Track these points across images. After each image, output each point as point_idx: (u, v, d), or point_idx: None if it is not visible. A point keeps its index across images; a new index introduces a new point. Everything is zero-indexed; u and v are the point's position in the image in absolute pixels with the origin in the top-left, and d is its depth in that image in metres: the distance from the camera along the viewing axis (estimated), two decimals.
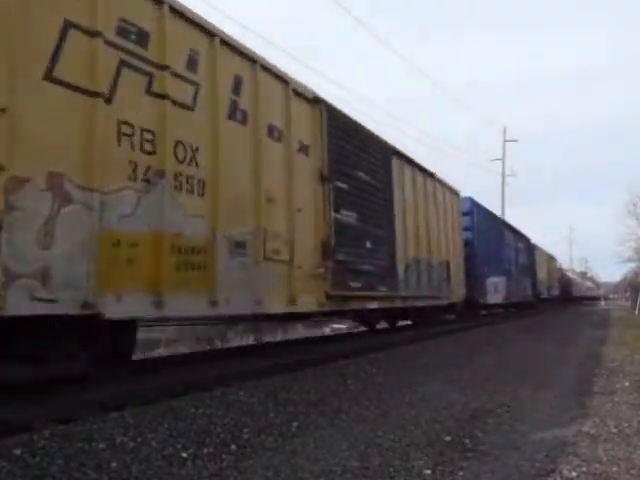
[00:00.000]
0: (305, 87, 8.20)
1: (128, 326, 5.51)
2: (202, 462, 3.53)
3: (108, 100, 4.94)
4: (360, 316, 12.46)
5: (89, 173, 4.70)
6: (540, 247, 35.91)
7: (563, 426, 4.44)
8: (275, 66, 7.48)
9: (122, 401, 4.82)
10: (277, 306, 7.19)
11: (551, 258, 42.13)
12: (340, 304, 8.86)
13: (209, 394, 5.26)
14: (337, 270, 8.45)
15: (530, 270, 30.32)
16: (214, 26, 6.31)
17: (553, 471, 3.34)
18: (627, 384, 6.27)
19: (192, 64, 5.99)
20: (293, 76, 7.93)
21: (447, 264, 14.59)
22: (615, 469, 3.39)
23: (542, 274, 35.17)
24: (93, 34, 4.84)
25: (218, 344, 12.25)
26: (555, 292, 42.46)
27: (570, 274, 62.21)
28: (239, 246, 6.46)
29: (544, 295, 35.68)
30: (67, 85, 4.62)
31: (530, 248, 31.51)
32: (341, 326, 16.82)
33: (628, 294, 44.54)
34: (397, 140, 12.29)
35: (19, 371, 4.64)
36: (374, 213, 10.06)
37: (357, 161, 9.53)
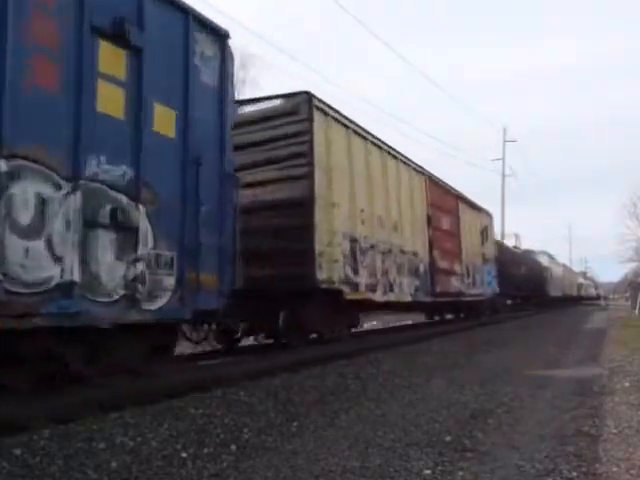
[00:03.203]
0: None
1: None
2: (202, 462, 3.53)
3: None
4: None
5: None
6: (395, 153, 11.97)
7: (563, 426, 4.44)
8: None
9: (122, 401, 4.82)
10: None
11: (452, 195, 16.34)
12: None
13: (209, 394, 5.26)
14: None
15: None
16: None
17: (553, 471, 3.34)
18: (627, 384, 6.27)
19: None
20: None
21: None
22: (615, 469, 3.38)
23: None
24: None
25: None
26: (480, 290, 18.49)
27: (542, 259, 37.26)
28: None
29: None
30: None
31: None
32: None
33: (628, 294, 44.44)
34: (397, 140, 11.82)
35: None
36: None
37: None
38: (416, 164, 13.20)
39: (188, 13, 5.88)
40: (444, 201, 15.19)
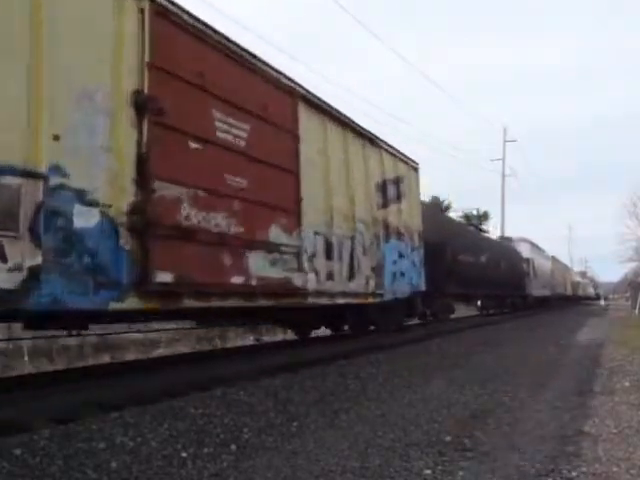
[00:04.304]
0: None
1: None
2: (202, 462, 3.53)
3: None
4: None
5: None
6: None
7: (563, 426, 4.44)
8: None
9: (122, 401, 4.82)
10: None
11: (275, 85, 7.20)
12: None
13: (209, 394, 5.26)
14: None
15: None
16: None
17: (553, 471, 3.34)
18: (627, 384, 6.27)
19: None
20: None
21: None
22: (615, 469, 3.38)
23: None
24: None
25: (218, 344, 12.25)
26: (371, 286, 9.80)
27: (521, 248, 28.85)
28: None
29: None
30: None
31: None
32: None
33: (628, 294, 44.40)
34: (397, 140, 11.82)
35: None
36: None
37: None
38: None
39: None
40: (235, 84, 6.51)
